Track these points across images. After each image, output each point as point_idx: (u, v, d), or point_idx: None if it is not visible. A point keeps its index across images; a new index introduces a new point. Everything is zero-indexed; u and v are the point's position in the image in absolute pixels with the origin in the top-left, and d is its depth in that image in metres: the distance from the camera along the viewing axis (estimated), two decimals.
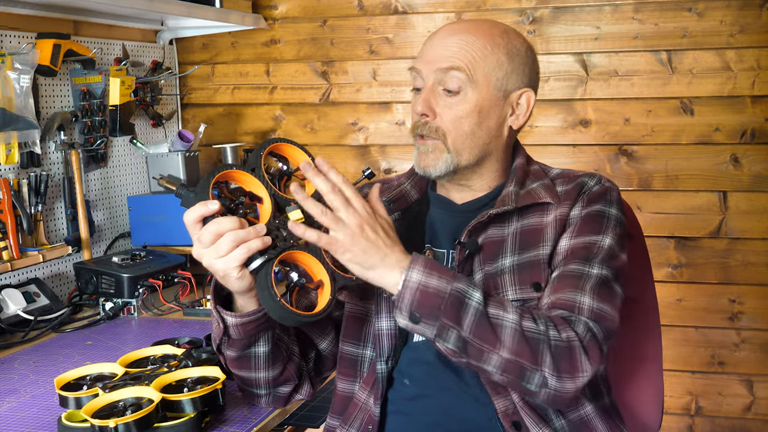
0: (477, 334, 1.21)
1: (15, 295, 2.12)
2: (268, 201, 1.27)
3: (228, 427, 1.46)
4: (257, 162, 1.28)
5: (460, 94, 1.39)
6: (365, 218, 1.21)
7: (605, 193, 1.41)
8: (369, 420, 1.41)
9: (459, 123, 1.40)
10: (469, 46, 1.40)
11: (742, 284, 2.59)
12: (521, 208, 1.41)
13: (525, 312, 1.25)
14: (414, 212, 1.49)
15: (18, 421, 1.53)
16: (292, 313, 1.20)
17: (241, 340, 1.33)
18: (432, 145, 1.41)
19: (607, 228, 1.38)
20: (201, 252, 1.22)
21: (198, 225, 1.21)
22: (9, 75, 2.10)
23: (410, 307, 1.21)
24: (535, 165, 1.50)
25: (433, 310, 1.21)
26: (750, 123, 2.53)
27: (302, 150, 1.33)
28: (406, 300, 1.21)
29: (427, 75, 1.41)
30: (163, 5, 2.46)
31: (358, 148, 2.87)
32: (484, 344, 1.21)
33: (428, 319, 1.21)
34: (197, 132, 2.73)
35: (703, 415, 2.67)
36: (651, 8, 2.56)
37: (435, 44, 1.42)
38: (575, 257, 1.34)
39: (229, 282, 1.24)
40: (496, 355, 1.21)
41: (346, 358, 1.47)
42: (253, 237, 1.21)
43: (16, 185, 2.19)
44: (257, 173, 1.27)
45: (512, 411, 1.33)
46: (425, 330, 1.22)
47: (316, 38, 2.87)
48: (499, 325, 1.22)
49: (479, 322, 1.21)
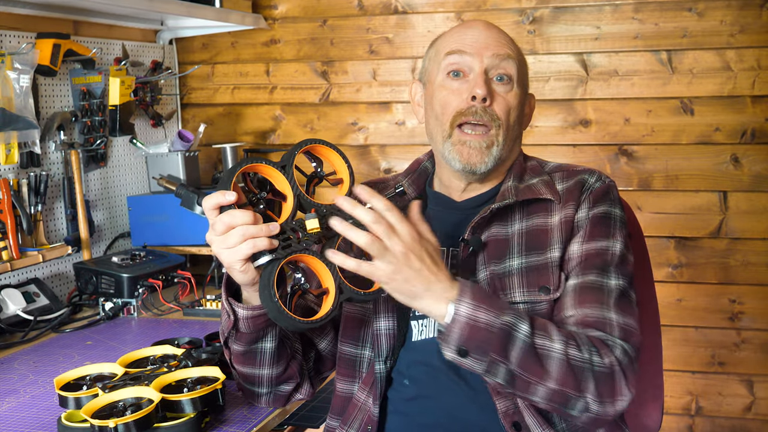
0: (525, 367, 1.20)
1: (15, 295, 2.12)
2: (292, 200, 1.26)
3: (228, 427, 1.46)
4: (290, 160, 1.27)
5: (510, 84, 1.39)
6: (410, 245, 1.17)
7: (608, 191, 1.41)
8: (368, 420, 1.41)
9: (509, 113, 1.39)
10: (510, 42, 1.42)
11: (742, 284, 2.59)
12: (524, 207, 1.40)
13: (569, 339, 1.23)
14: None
15: (18, 421, 1.53)
16: (286, 315, 1.20)
17: (250, 333, 1.33)
18: (485, 140, 1.37)
19: (615, 230, 1.38)
20: (212, 238, 1.23)
21: (215, 211, 1.22)
22: (9, 75, 2.10)
23: (458, 341, 1.18)
24: (532, 161, 1.50)
25: (483, 345, 1.18)
26: (750, 123, 2.53)
27: (339, 153, 1.31)
28: (455, 335, 1.18)
29: (480, 59, 1.38)
30: (163, 5, 2.46)
31: (358, 148, 2.87)
32: (531, 377, 1.20)
33: (477, 353, 1.19)
34: (197, 132, 2.73)
35: (703, 415, 2.67)
36: (651, 8, 2.56)
37: (480, 33, 1.40)
38: (591, 267, 1.34)
39: (232, 273, 1.25)
40: (543, 386, 1.21)
41: (345, 359, 1.48)
42: (263, 235, 1.20)
43: (16, 185, 2.19)
44: (287, 171, 1.26)
45: (512, 411, 1.33)
46: (474, 365, 1.20)
47: (316, 38, 2.87)
48: (546, 356, 1.20)
49: (527, 354, 1.20)
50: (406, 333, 1.41)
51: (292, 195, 1.26)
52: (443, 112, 1.40)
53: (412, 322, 1.41)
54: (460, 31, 1.43)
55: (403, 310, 1.41)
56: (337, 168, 1.33)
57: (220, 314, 1.36)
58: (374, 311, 1.44)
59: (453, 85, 1.40)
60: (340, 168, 1.32)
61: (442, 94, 1.41)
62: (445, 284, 1.19)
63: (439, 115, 1.41)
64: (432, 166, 1.55)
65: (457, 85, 1.40)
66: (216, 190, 1.22)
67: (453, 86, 1.40)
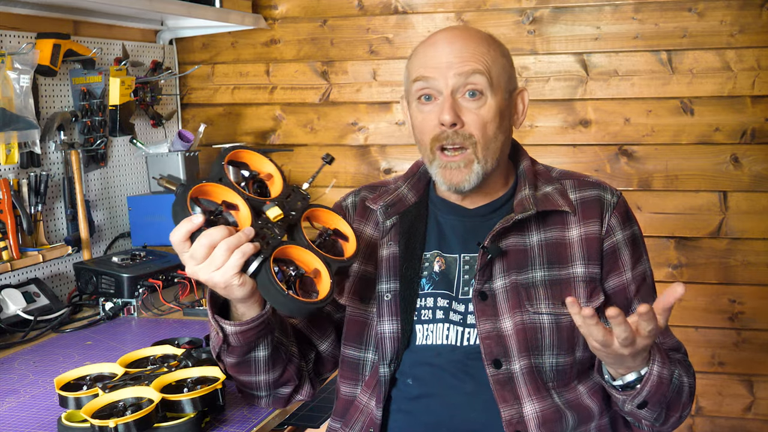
0: (672, 406, 1.32)
1: (15, 295, 2.12)
2: (244, 206, 1.26)
3: (228, 427, 1.46)
4: (221, 171, 1.27)
5: (482, 98, 1.37)
6: (639, 347, 1.20)
7: (627, 208, 1.46)
8: (370, 423, 1.41)
9: (485, 128, 1.37)
10: (477, 51, 1.38)
11: (742, 284, 2.59)
12: (540, 217, 1.41)
13: (686, 366, 1.38)
14: (412, 216, 1.47)
15: (18, 421, 1.53)
16: (302, 303, 1.21)
17: (241, 347, 1.32)
18: (462, 160, 1.37)
19: (643, 250, 1.47)
20: (196, 269, 1.20)
21: (186, 243, 1.19)
22: (9, 75, 2.10)
23: (645, 397, 1.26)
24: (539, 165, 1.51)
25: (662, 398, 1.28)
26: (750, 123, 2.53)
27: (259, 153, 1.33)
28: (645, 392, 1.26)
29: (444, 82, 1.36)
30: (163, 5, 2.46)
31: (358, 148, 2.87)
32: (671, 412, 1.33)
33: (655, 406, 1.29)
34: (197, 132, 2.72)
35: (703, 415, 2.67)
36: (651, 8, 2.56)
37: (442, 51, 1.38)
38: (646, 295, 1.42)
39: (231, 292, 1.22)
40: (674, 416, 1.34)
41: (347, 362, 1.47)
42: (245, 240, 1.19)
43: (16, 185, 2.19)
44: (225, 182, 1.26)
45: (516, 421, 1.33)
46: (647, 414, 1.30)
47: (316, 38, 2.87)
48: (682, 392, 1.33)
49: (675, 395, 1.31)
50: (410, 336, 1.41)
51: (242, 201, 1.26)
52: (421, 138, 1.41)
53: (417, 326, 1.41)
54: (425, 52, 1.40)
55: (408, 313, 1.41)
56: (263, 166, 1.34)
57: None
58: (378, 314, 1.43)
59: (425, 110, 1.39)
60: (263, 164, 1.34)
61: (417, 120, 1.41)
62: (637, 359, 1.24)
63: (419, 141, 1.43)
64: None
65: (429, 109, 1.39)
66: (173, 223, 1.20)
67: (425, 110, 1.39)
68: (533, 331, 1.35)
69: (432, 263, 1.44)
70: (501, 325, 1.36)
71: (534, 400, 1.34)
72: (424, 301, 1.42)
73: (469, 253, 1.42)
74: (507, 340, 1.35)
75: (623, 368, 1.26)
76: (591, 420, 1.37)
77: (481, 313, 1.37)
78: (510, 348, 1.35)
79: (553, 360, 1.36)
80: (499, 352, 1.35)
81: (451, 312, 1.40)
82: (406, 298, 1.41)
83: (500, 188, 1.47)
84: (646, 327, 1.16)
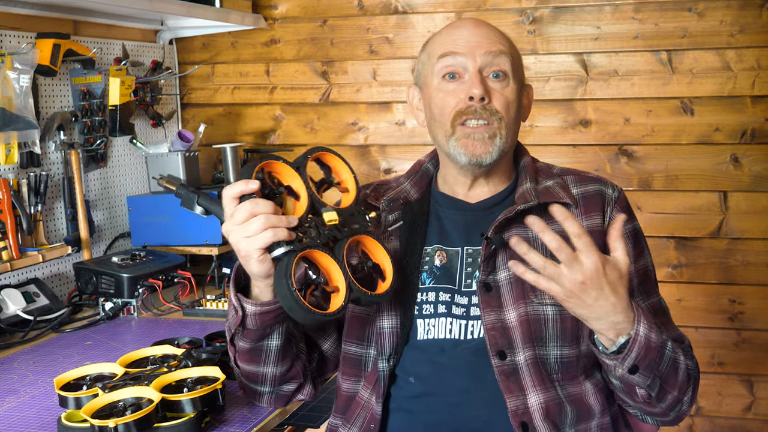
0: (667, 380, 1.30)
1: (15, 295, 2.12)
2: (305, 199, 1.29)
3: (228, 427, 1.46)
4: (304, 162, 1.32)
5: (506, 80, 1.40)
6: (589, 276, 1.18)
7: (627, 203, 1.47)
8: (371, 419, 1.41)
9: (509, 107, 1.40)
10: (502, 37, 1.43)
11: (742, 284, 2.59)
12: (542, 210, 1.41)
13: (686, 350, 1.37)
14: (414, 212, 1.48)
15: (18, 421, 1.53)
16: (302, 306, 1.21)
17: (257, 330, 1.33)
18: (487, 131, 1.38)
19: (644, 244, 1.48)
20: (231, 228, 1.23)
21: (235, 201, 1.23)
22: (9, 75, 2.10)
23: (635, 360, 1.24)
24: (540, 162, 1.52)
25: (652, 363, 1.26)
26: (750, 123, 2.53)
27: (346, 164, 1.37)
28: (633, 354, 1.24)
29: (473, 59, 1.39)
30: (163, 5, 2.46)
31: (358, 148, 2.87)
32: (668, 387, 1.31)
33: (646, 371, 1.26)
34: (197, 132, 2.73)
35: (703, 415, 2.67)
36: (651, 8, 2.56)
37: (470, 32, 1.41)
38: (649, 289, 1.45)
39: (249, 264, 1.25)
40: (671, 395, 1.31)
41: (349, 359, 1.47)
42: (283, 225, 1.22)
43: (16, 185, 2.19)
44: (301, 172, 1.30)
45: (522, 411, 1.33)
46: (639, 380, 1.27)
47: (316, 38, 2.87)
48: (678, 368, 1.31)
49: (670, 369, 1.29)
50: (410, 331, 1.41)
51: (306, 194, 1.30)
52: (442, 113, 1.41)
53: (418, 321, 1.42)
54: (450, 32, 1.43)
55: (407, 308, 1.42)
56: (344, 177, 1.38)
57: (225, 313, 1.36)
58: (378, 310, 1.44)
59: (449, 87, 1.41)
60: (346, 177, 1.38)
61: (439, 97, 1.42)
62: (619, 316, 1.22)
63: (438, 117, 1.42)
64: (434, 167, 1.55)
65: (453, 87, 1.40)
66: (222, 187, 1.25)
67: (449, 88, 1.41)
68: (537, 322, 1.36)
69: (433, 257, 1.44)
70: (505, 316, 1.37)
71: (538, 391, 1.34)
72: (425, 296, 1.42)
73: (472, 246, 1.43)
74: (511, 332, 1.36)
75: (607, 326, 1.23)
76: (591, 418, 1.37)
77: (486, 305, 1.37)
78: (514, 339, 1.35)
79: (557, 352, 1.36)
80: (504, 344, 1.35)
81: (454, 306, 1.40)
82: (405, 292, 1.42)
83: (502, 182, 1.48)
84: (553, 248, 1.18)
